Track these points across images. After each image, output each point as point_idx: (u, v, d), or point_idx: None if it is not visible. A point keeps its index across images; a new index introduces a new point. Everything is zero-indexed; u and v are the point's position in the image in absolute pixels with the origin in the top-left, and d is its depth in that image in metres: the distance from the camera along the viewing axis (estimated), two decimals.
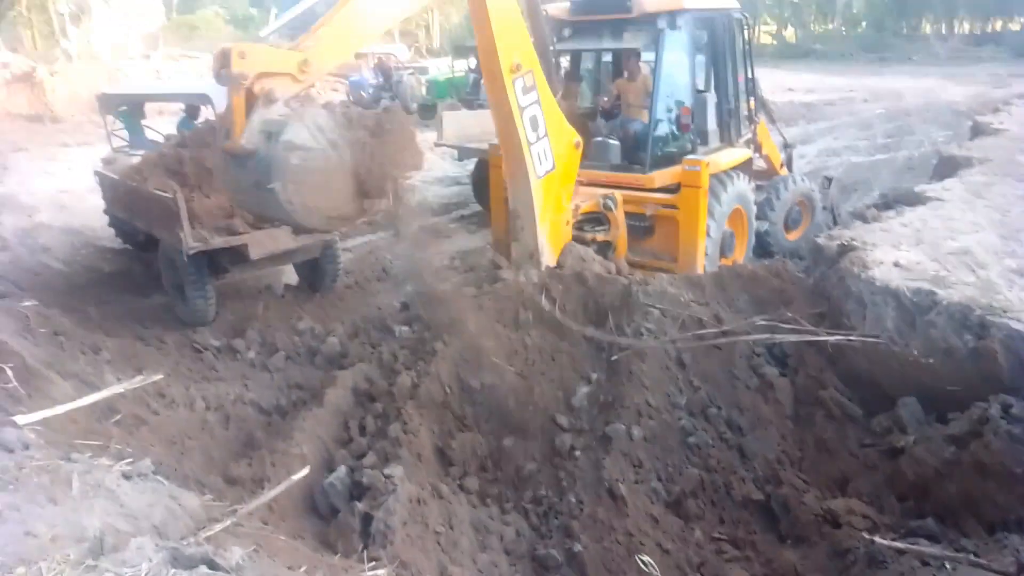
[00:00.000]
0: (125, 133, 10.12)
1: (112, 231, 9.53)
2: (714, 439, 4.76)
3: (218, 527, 3.03)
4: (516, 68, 5.57)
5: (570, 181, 6.14)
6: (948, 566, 3.25)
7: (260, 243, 6.55)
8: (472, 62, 19.17)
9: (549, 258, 6.27)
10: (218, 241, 6.39)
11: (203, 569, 2.36)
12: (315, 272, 7.98)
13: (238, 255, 6.69)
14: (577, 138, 5.97)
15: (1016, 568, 2.74)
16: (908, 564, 3.45)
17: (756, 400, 4.92)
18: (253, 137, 4.22)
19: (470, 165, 12.06)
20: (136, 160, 7.92)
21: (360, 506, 4.09)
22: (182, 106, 9.88)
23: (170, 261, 7.12)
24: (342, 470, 4.52)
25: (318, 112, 4.37)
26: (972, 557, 3.16)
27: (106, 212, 8.93)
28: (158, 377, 5.57)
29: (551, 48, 6.21)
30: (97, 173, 8.64)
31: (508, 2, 5.57)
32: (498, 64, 5.53)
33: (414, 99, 22.77)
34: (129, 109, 10.09)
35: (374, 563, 3.53)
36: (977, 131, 11.48)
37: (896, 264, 5.14)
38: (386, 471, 4.35)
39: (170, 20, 43.74)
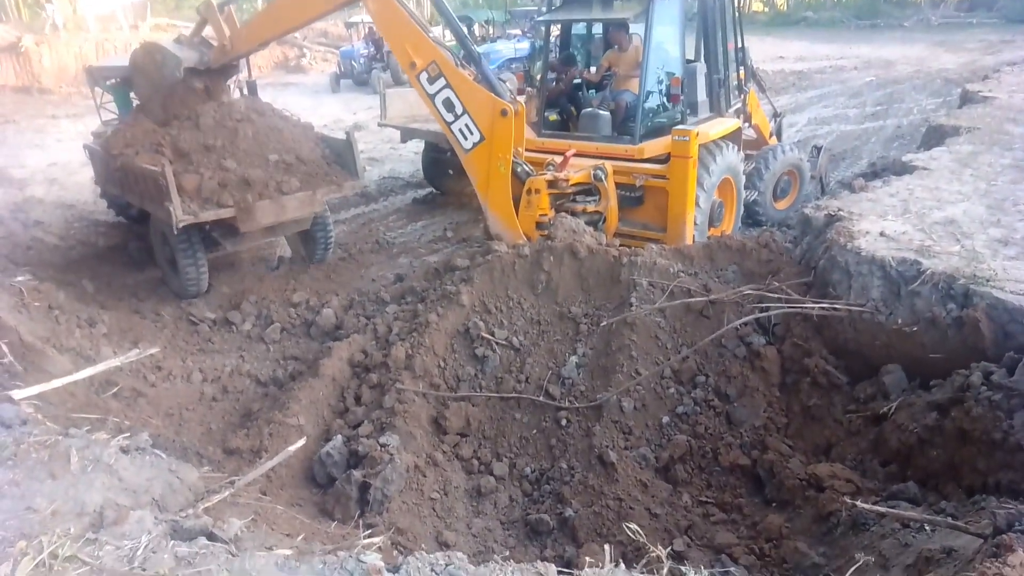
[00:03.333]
0: (114, 106, 10.01)
1: (105, 204, 9.50)
2: (702, 407, 4.86)
3: (216, 499, 3.08)
4: (412, 66, 6.23)
5: (504, 150, 6.24)
6: (927, 528, 3.36)
7: (249, 216, 6.57)
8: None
9: (495, 224, 6.46)
10: (207, 214, 6.40)
11: (202, 540, 2.41)
12: (307, 244, 8.00)
13: (228, 228, 6.70)
14: (504, 107, 6.08)
15: (992, 530, 2.83)
16: (889, 526, 3.56)
17: (744, 369, 5.01)
18: None
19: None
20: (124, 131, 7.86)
21: (357, 474, 4.19)
22: None
23: (162, 235, 7.13)
24: (338, 440, 4.62)
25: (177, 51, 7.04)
26: (950, 520, 3.24)
27: (97, 184, 8.89)
28: (155, 350, 5.62)
29: (469, 35, 6.60)
30: (87, 147, 8.59)
31: (389, 14, 6.28)
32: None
33: None
34: (118, 82, 9.95)
35: (371, 530, 3.62)
36: (966, 99, 11.47)
37: (882, 234, 5.21)
38: (382, 440, 4.44)
39: None
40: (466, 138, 6.33)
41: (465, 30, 6.86)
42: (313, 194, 6.97)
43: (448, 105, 6.28)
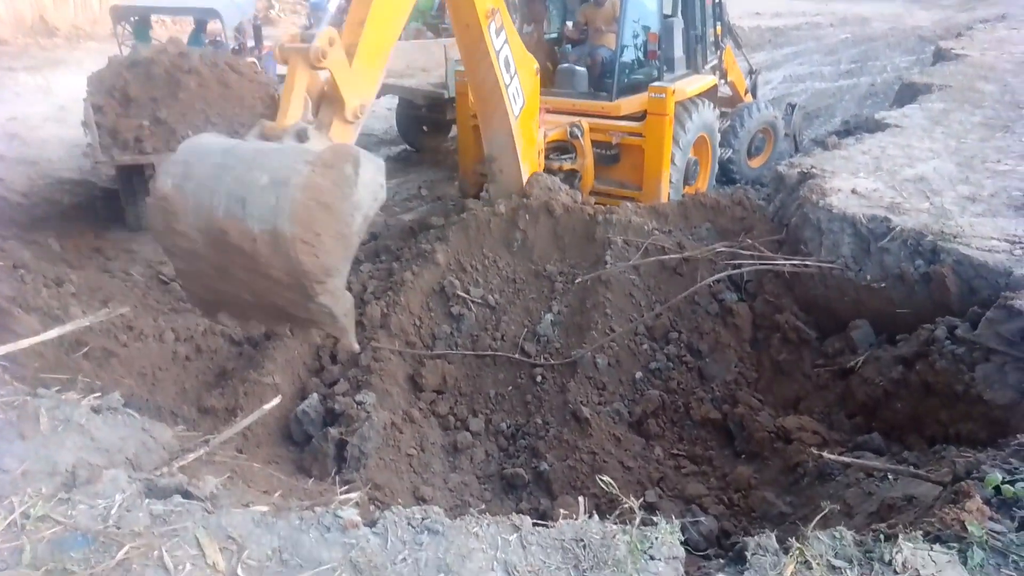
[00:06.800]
0: (133, 42, 10.04)
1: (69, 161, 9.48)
2: (675, 363, 4.93)
3: (191, 457, 3.05)
4: (491, 14, 5.36)
5: (536, 111, 6.10)
6: (890, 477, 3.46)
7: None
8: None
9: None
10: (124, 158, 6.64)
11: (177, 499, 2.40)
12: None
13: None
14: (536, 64, 5.90)
15: (951, 478, 2.93)
16: (854, 476, 3.66)
17: (716, 325, 5.08)
18: None
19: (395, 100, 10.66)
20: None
21: (334, 432, 4.20)
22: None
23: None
24: (314, 398, 4.62)
25: None
26: (912, 469, 3.34)
27: None
28: (125, 310, 5.51)
29: None
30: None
31: None
32: (475, 14, 5.28)
33: None
34: (139, 20, 10.40)
35: (348, 486, 3.64)
36: (939, 57, 11.51)
37: (854, 191, 5.25)
38: (358, 398, 4.45)
39: None
40: (515, 102, 5.78)
41: None
42: None
43: (507, 64, 5.59)
